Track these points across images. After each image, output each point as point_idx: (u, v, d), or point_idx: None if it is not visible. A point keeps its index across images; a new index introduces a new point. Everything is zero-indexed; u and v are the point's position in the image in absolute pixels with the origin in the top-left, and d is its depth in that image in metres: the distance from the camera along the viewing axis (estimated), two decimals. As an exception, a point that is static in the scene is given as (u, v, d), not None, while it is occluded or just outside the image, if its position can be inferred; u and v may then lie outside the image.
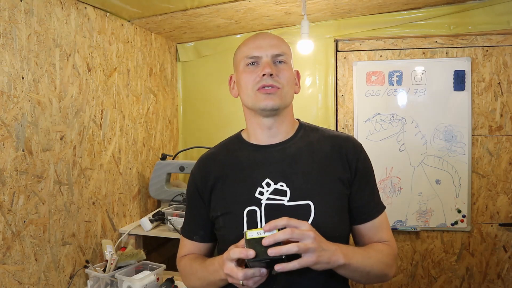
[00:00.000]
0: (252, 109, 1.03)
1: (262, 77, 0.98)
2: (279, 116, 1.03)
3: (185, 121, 2.58)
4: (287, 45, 1.07)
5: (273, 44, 1.01)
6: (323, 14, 2.14)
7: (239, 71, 1.04)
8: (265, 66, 0.98)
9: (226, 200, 1.02)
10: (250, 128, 1.08)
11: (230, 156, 1.07)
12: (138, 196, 2.08)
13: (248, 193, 0.98)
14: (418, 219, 2.26)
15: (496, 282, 2.22)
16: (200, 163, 1.11)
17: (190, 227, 1.11)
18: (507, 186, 2.19)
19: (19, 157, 1.34)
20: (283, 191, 0.97)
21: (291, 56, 1.06)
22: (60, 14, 1.52)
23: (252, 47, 1.02)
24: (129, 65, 1.99)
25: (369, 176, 1.05)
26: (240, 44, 1.08)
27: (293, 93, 1.05)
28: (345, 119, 2.34)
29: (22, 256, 1.35)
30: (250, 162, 1.03)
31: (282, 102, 1.00)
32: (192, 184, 1.10)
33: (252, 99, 1.01)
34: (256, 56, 1.00)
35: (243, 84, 1.02)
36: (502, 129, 2.18)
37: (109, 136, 1.83)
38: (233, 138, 1.13)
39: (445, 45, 2.22)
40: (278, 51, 1.01)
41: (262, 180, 0.99)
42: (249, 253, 0.81)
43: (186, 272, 1.07)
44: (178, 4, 1.81)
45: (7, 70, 1.30)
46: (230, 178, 1.03)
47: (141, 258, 1.72)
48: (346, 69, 2.33)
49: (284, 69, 1.01)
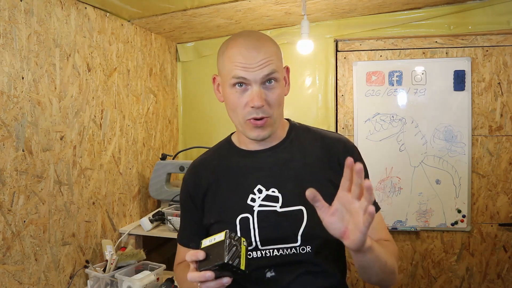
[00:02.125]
0: (242, 132, 1.00)
1: (252, 108, 0.93)
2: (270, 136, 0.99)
3: (185, 121, 2.58)
4: (276, 51, 0.96)
5: (264, 62, 0.91)
6: (323, 14, 2.14)
7: (225, 87, 0.97)
8: (254, 97, 0.91)
9: (219, 208, 1.01)
10: (240, 135, 1.05)
11: (221, 162, 1.05)
12: (138, 196, 2.08)
13: (240, 200, 0.98)
14: (418, 219, 2.26)
15: (496, 282, 2.22)
16: (191, 170, 1.09)
17: (186, 235, 1.10)
18: (507, 186, 2.19)
19: (19, 157, 1.34)
20: (275, 197, 0.96)
21: (281, 62, 0.98)
22: (60, 14, 1.52)
23: (239, 66, 0.91)
24: (129, 65, 1.99)
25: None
26: (226, 48, 0.96)
27: (283, 107, 0.99)
28: (345, 119, 2.34)
29: (22, 256, 1.35)
30: (241, 169, 1.02)
31: (272, 129, 0.97)
32: (184, 190, 1.09)
33: (241, 125, 0.98)
34: (244, 78, 0.91)
35: (231, 105, 0.97)
36: (502, 129, 2.18)
37: (109, 136, 1.83)
38: (224, 143, 1.11)
39: (445, 45, 2.22)
40: (267, 71, 0.91)
41: (253, 186, 0.98)
42: (198, 255, 0.79)
43: (180, 278, 1.06)
44: (178, 4, 1.81)
45: (7, 70, 1.30)
46: (222, 185, 1.02)
47: (141, 258, 1.72)
48: (346, 69, 2.33)
49: (275, 91, 0.94)
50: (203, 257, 0.79)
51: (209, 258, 0.79)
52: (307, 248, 0.94)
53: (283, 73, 0.99)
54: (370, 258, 0.82)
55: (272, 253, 0.95)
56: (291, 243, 0.94)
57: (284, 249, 0.94)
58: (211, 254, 0.79)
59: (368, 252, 0.80)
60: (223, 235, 0.80)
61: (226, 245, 0.78)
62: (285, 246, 0.94)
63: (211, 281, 0.79)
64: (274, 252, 0.95)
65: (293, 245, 0.94)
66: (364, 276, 0.90)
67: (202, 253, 0.79)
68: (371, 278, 0.90)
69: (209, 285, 0.80)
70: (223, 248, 0.78)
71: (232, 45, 0.94)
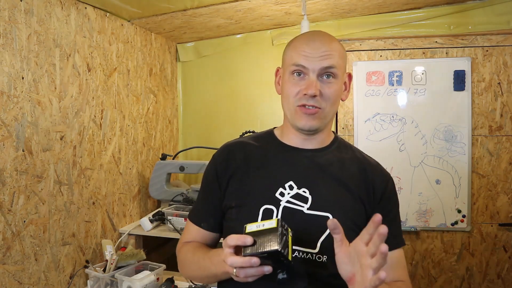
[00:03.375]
0: (290, 122, 1.00)
1: (304, 95, 0.93)
2: (317, 131, 0.99)
3: (185, 121, 2.58)
4: (341, 52, 0.98)
5: (324, 54, 0.93)
6: (323, 14, 2.14)
7: (285, 75, 0.99)
8: (309, 85, 0.92)
9: (244, 192, 0.97)
10: (285, 128, 1.04)
11: (258, 149, 1.03)
12: (138, 196, 2.08)
13: (268, 190, 0.95)
14: (418, 219, 2.25)
15: (496, 282, 2.22)
16: (224, 148, 1.06)
17: (200, 213, 1.06)
18: (507, 186, 2.19)
19: (19, 157, 1.34)
20: (305, 198, 0.94)
21: (344, 64, 0.99)
22: (60, 14, 1.52)
23: (301, 54, 0.94)
24: (129, 65, 1.99)
25: (393, 207, 1.00)
26: (293, 40, 1.00)
27: (336, 107, 1.00)
28: (345, 119, 2.34)
29: (22, 256, 1.35)
30: (277, 160, 1.00)
31: (321, 123, 0.97)
32: (211, 168, 1.05)
33: (291, 113, 0.97)
34: (303, 66, 0.94)
35: (285, 92, 0.98)
36: (502, 129, 2.18)
37: (109, 136, 1.83)
38: (265, 133, 1.09)
39: (445, 45, 2.22)
40: (328, 63, 0.93)
41: (285, 181, 0.96)
42: (246, 240, 0.77)
43: (187, 259, 1.02)
44: (178, 4, 1.81)
45: (7, 70, 1.30)
46: (253, 171, 0.99)
47: (141, 258, 1.72)
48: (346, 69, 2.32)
49: (331, 86, 0.94)
50: (251, 242, 0.77)
51: (256, 244, 0.77)
52: (323, 258, 0.91)
53: (343, 75, 1.00)
54: None
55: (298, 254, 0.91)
56: (310, 248, 0.91)
57: (301, 253, 0.91)
58: (258, 240, 0.77)
59: None
60: (274, 222, 0.78)
61: (279, 232, 0.76)
62: (302, 250, 0.91)
63: (251, 268, 0.78)
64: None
65: (310, 251, 0.91)
66: None
67: (250, 238, 0.77)
68: None
69: (249, 271, 0.78)
70: (275, 235, 0.76)
71: (301, 36, 0.99)
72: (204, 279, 0.97)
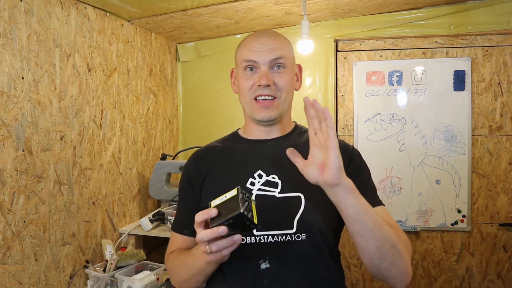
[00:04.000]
0: (249, 116, 1.05)
1: (258, 87, 0.99)
2: (277, 120, 1.05)
3: (185, 121, 2.58)
4: (287, 44, 1.06)
5: (272, 47, 1.00)
6: (323, 14, 2.14)
7: (238, 73, 1.06)
8: (262, 76, 0.99)
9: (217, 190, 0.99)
10: (247, 126, 1.10)
11: (225, 150, 1.09)
12: (138, 196, 2.08)
13: (239, 183, 0.98)
14: (418, 219, 2.26)
15: (496, 282, 2.22)
16: (193, 156, 1.13)
17: (180, 221, 1.10)
18: (507, 186, 2.19)
19: (19, 157, 1.34)
20: (275, 183, 0.98)
21: (292, 55, 1.06)
22: (60, 14, 1.52)
23: (250, 50, 1.01)
24: (129, 65, 1.99)
25: (363, 173, 1.03)
26: (242, 41, 1.08)
27: (291, 96, 1.06)
28: (345, 119, 2.34)
29: (22, 256, 1.35)
30: (243, 155, 1.05)
31: (279, 112, 1.02)
32: (184, 176, 1.10)
33: (249, 106, 1.03)
34: (254, 61, 1.01)
35: (241, 88, 1.04)
36: (502, 129, 2.18)
37: (109, 136, 1.83)
38: (230, 135, 1.16)
39: (445, 45, 2.22)
40: (276, 55, 1.00)
41: (254, 171, 1.00)
42: (211, 212, 0.78)
43: (174, 265, 1.05)
44: (178, 4, 1.81)
45: (7, 70, 1.30)
46: (223, 170, 1.05)
47: (141, 258, 1.73)
48: (346, 69, 2.33)
49: (283, 75, 1.01)
50: (215, 213, 0.78)
51: (221, 214, 0.78)
52: (302, 236, 0.94)
53: (293, 65, 1.06)
54: (355, 203, 0.80)
55: (267, 239, 0.95)
56: (287, 229, 0.95)
57: (279, 236, 0.94)
58: (223, 210, 0.78)
59: (350, 191, 0.80)
60: (235, 191, 0.80)
61: (240, 198, 0.78)
62: (280, 233, 0.95)
63: (222, 240, 0.78)
64: (269, 238, 0.95)
65: (288, 232, 0.94)
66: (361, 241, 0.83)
67: (214, 210, 0.78)
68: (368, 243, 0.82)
69: (220, 243, 0.79)
70: (237, 201, 0.78)
71: (249, 36, 1.06)
72: (193, 278, 0.98)
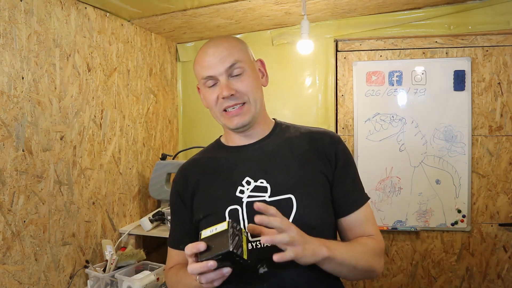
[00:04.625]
0: (224, 126, 1.05)
1: (223, 99, 0.98)
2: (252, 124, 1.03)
3: (185, 121, 2.58)
4: (239, 46, 1.02)
5: (223, 56, 0.98)
6: (323, 14, 2.14)
7: (202, 90, 1.04)
8: (222, 88, 0.97)
9: (208, 202, 1.02)
10: (226, 134, 1.10)
11: (210, 160, 1.09)
12: (138, 196, 2.08)
13: (229, 193, 0.99)
14: (418, 219, 2.25)
15: (496, 282, 2.22)
16: (180, 171, 1.12)
17: (176, 236, 1.10)
18: (507, 186, 2.19)
19: (19, 157, 1.34)
20: (264, 188, 0.98)
21: (247, 55, 1.03)
22: (60, 14, 1.52)
23: (204, 66, 0.99)
24: (129, 65, 1.99)
25: (350, 167, 1.04)
26: (195, 59, 1.05)
27: (261, 96, 1.04)
28: (345, 119, 2.34)
29: (22, 256, 1.35)
30: (229, 163, 1.04)
31: (251, 115, 1.01)
32: (174, 191, 1.10)
33: (220, 119, 1.03)
34: (210, 76, 0.99)
35: (208, 104, 1.03)
36: (502, 129, 2.18)
37: (109, 136, 1.83)
38: (213, 144, 1.16)
39: (445, 45, 2.22)
40: (229, 62, 0.98)
41: (242, 179, 0.99)
42: (199, 246, 0.78)
43: (173, 282, 1.05)
44: (178, 4, 1.81)
45: (7, 70, 1.30)
46: (211, 181, 1.04)
47: (141, 258, 1.73)
48: (346, 69, 2.33)
49: (243, 79, 0.99)
50: (204, 248, 0.78)
51: (211, 248, 0.78)
52: None
53: (252, 64, 1.04)
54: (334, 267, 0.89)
55: (263, 244, 0.93)
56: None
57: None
58: (212, 244, 0.78)
59: (328, 262, 0.87)
60: (225, 225, 0.79)
61: (230, 234, 0.77)
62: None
63: (211, 272, 0.79)
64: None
65: None
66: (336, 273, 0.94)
67: (203, 244, 0.79)
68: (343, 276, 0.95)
69: (209, 276, 0.79)
70: (226, 237, 0.77)
71: (198, 53, 1.03)
72: None
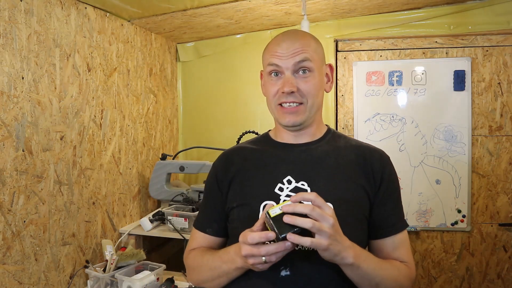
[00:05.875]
0: (276, 119, 1.03)
1: (282, 93, 0.96)
2: (304, 125, 1.02)
3: (185, 121, 2.58)
4: (314, 45, 1.01)
5: (296, 50, 0.96)
6: (323, 14, 2.14)
7: (265, 78, 1.03)
8: (285, 82, 0.96)
9: (244, 192, 1.00)
10: (277, 129, 1.08)
11: (255, 152, 1.06)
12: (138, 196, 2.08)
13: (268, 187, 0.97)
14: (418, 219, 2.25)
15: (496, 282, 2.22)
16: (223, 155, 1.11)
17: (204, 219, 1.09)
18: (507, 186, 2.19)
19: (19, 157, 1.34)
20: (304, 190, 0.96)
21: (320, 56, 1.02)
22: (60, 14, 1.52)
23: (274, 53, 0.98)
24: (129, 65, 1.99)
25: (394, 190, 1.02)
26: (268, 44, 1.04)
27: (320, 100, 1.02)
28: (345, 119, 2.34)
29: (22, 256, 1.35)
30: (273, 158, 1.03)
31: (305, 117, 0.99)
32: (212, 175, 1.08)
33: (274, 112, 1.01)
34: (277, 65, 0.98)
35: (266, 94, 1.02)
36: (502, 129, 2.18)
37: (109, 136, 1.83)
38: (261, 136, 1.14)
39: (445, 45, 2.22)
40: (300, 58, 0.96)
41: (283, 177, 0.98)
42: (269, 236, 0.79)
43: (196, 263, 1.03)
44: (178, 4, 1.81)
45: (7, 70, 1.30)
46: (251, 172, 1.02)
47: (141, 258, 1.72)
48: (346, 69, 2.33)
49: (308, 80, 0.97)
50: (273, 237, 0.79)
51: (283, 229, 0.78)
52: None
53: (322, 67, 1.02)
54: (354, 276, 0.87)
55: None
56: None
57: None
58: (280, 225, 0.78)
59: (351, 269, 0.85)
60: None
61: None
62: None
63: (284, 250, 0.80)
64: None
65: None
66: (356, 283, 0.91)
67: (272, 234, 0.79)
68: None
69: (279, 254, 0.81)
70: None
71: (274, 39, 1.03)
72: (216, 280, 0.97)
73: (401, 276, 0.94)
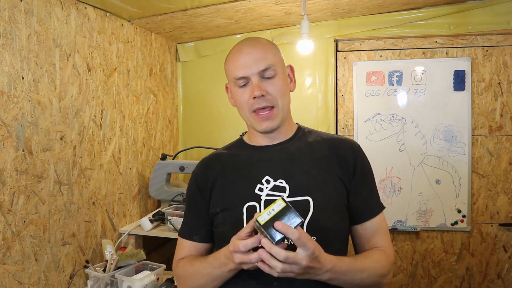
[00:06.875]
0: (252, 127, 1.06)
1: (254, 99, 1.00)
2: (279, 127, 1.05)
3: (185, 121, 2.58)
4: (273, 50, 1.05)
5: (258, 58, 1.00)
6: (323, 14, 2.14)
7: (233, 89, 1.06)
8: (254, 88, 0.99)
9: (226, 197, 1.03)
10: (250, 134, 1.12)
11: (232, 157, 1.10)
12: (138, 196, 2.08)
13: (248, 189, 1.00)
14: (418, 219, 2.26)
15: (496, 282, 2.22)
16: (201, 163, 1.14)
17: (190, 227, 1.11)
18: (507, 186, 2.19)
19: (19, 157, 1.34)
20: (283, 188, 0.99)
21: (280, 59, 1.05)
22: (60, 14, 1.52)
23: (237, 66, 1.01)
24: (129, 65, 1.99)
25: (368, 176, 1.07)
26: (228, 57, 1.06)
27: (288, 100, 1.07)
28: (345, 119, 2.34)
29: (22, 256, 1.35)
30: (250, 161, 1.06)
31: (279, 120, 1.03)
32: (193, 183, 1.11)
33: (249, 120, 1.04)
34: (243, 77, 1.01)
35: (238, 103, 1.05)
36: (502, 129, 2.18)
37: (109, 136, 1.83)
38: (235, 142, 1.17)
39: (445, 45, 2.22)
40: (264, 65, 1.00)
41: (262, 177, 1.01)
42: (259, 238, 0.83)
43: (187, 272, 1.04)
44: (178, 4, 1.81)
45: (7, 70, 1.30)
46: (231, 176, 1.06)
47: (141, 258, 1.72)
48: (346, 69, 2.33)
49: (274, 82, 1.01)
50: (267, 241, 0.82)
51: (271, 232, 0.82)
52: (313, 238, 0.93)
53: (283, 69, 1.06)
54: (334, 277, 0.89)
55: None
56: None
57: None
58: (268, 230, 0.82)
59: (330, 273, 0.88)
60: (282, 202, 0.84)
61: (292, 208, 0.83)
62: None
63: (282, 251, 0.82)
64: None
65: None
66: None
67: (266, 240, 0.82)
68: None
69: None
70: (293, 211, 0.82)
71: (232, 51, 1.06)
72: (209, 284, 0.99)
73: (380, 268, 0.98)
